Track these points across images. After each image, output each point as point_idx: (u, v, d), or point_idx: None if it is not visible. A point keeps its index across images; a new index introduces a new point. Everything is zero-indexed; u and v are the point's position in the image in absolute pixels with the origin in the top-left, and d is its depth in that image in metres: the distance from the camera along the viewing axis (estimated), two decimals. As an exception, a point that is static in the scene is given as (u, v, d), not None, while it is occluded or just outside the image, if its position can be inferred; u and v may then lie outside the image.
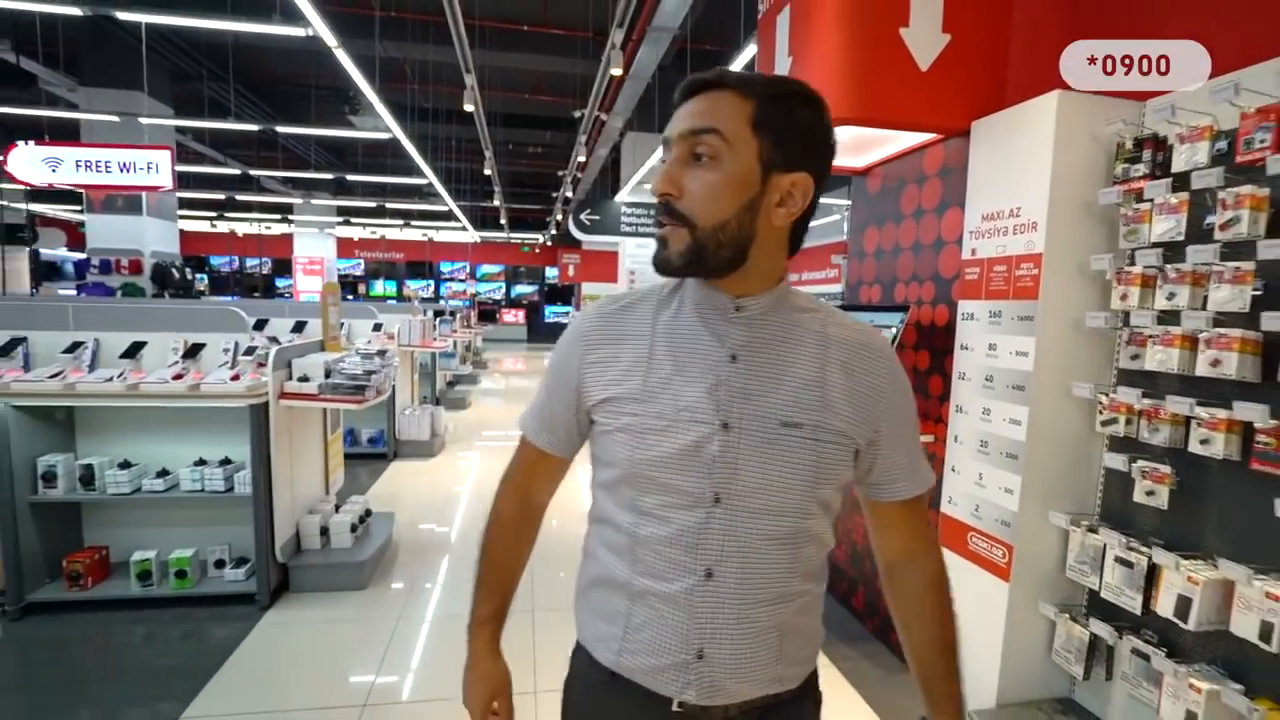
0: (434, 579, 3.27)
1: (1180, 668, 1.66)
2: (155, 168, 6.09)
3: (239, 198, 14.85)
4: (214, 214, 18.12)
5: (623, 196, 9.91)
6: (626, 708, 0.81)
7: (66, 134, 9.36)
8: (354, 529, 3.21)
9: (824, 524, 0.82)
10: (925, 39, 2.11)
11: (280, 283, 21.09)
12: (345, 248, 20.40)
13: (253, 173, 11.13)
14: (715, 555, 0.76)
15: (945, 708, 0.89)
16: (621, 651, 0.80)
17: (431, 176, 9.94)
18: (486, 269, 22.70)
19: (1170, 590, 1.67)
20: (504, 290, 22.83)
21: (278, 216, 18.20)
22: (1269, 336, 1.48)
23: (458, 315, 10.28)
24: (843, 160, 2.79)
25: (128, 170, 6.01)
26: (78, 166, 6.08)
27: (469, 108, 6.02)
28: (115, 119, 6.80)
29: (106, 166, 5.99)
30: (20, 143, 5.88)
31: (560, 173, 12.10)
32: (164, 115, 8.79)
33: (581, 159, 8.80)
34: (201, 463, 2.90)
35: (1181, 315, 1.64)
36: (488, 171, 9.73)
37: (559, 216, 13.72)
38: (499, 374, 12.81)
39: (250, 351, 2.93)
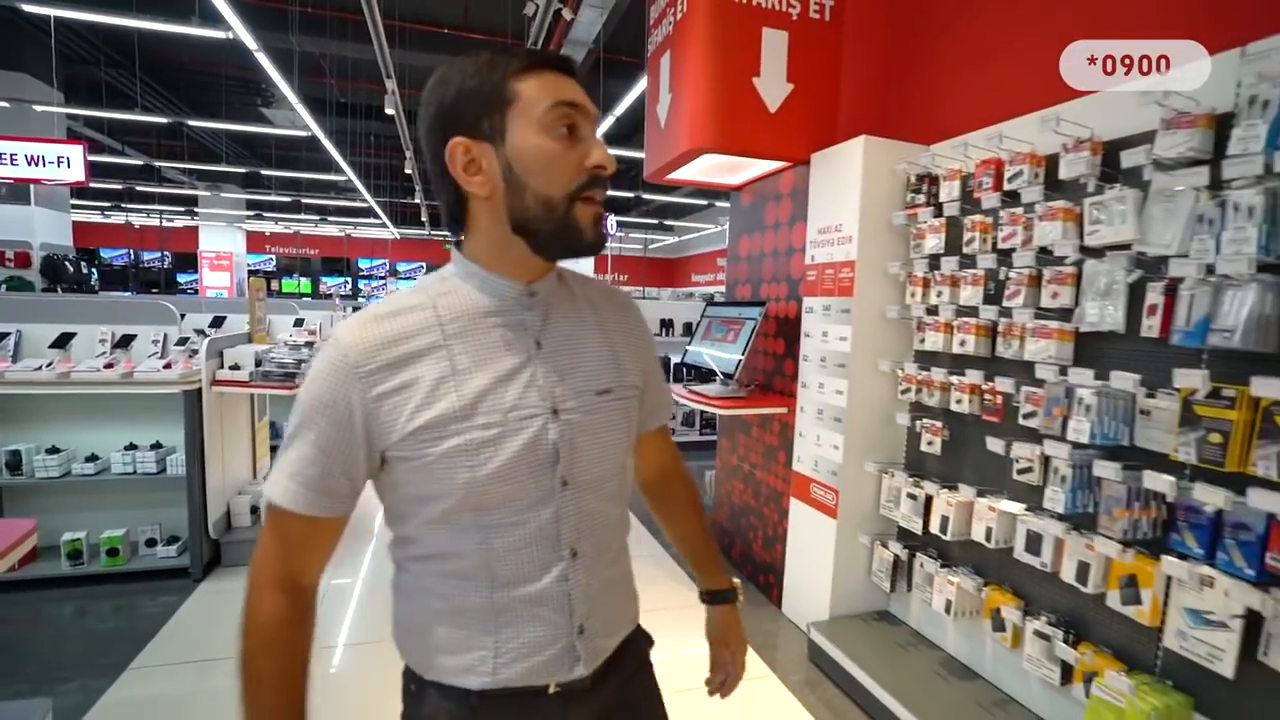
0: (359, 551, 3.55)
1: (943, 570, 2.24)
2: (67, 161, 5.93)
3: (138, 188, 14.07)
4: (108, 204, 17.00)
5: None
6: (505, 717, 0.78)
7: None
8: (283, 508, 3.45)
9: (632, 469, 0.91)
10: (773, 86, 2.63)
11: (182, 278, 19.98)
12: (256, 242, 19.60)
13: (157, 164, 10.67)
14: (575, 535, 0.77)
15: (713, 567, 1.09)
16: (497, 668, 0.76)
17: (350, 174, 9.91)
18: (406, 266, 22.33)
19: (937, 513, 2.24)
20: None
21: (181, 209, 17.28)
22: (992, 324, 2.06)
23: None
24: (722, 178, 3.30)
25: (37, 164, 5.82)
26: None
27: (390, 111, 6.20)
28: (4, 104, 6.50)
29: (13, 159, 5.78)
30: None
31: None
32: (51, 100, 8.37)
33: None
34: (132, 447, 3.07)
35: (940, 308, 2.23)
36: (409, 170, 9.79)
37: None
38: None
39: (182, 342, 3.13)
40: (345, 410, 0.70)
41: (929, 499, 2.30)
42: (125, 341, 3.03)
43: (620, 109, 7.18)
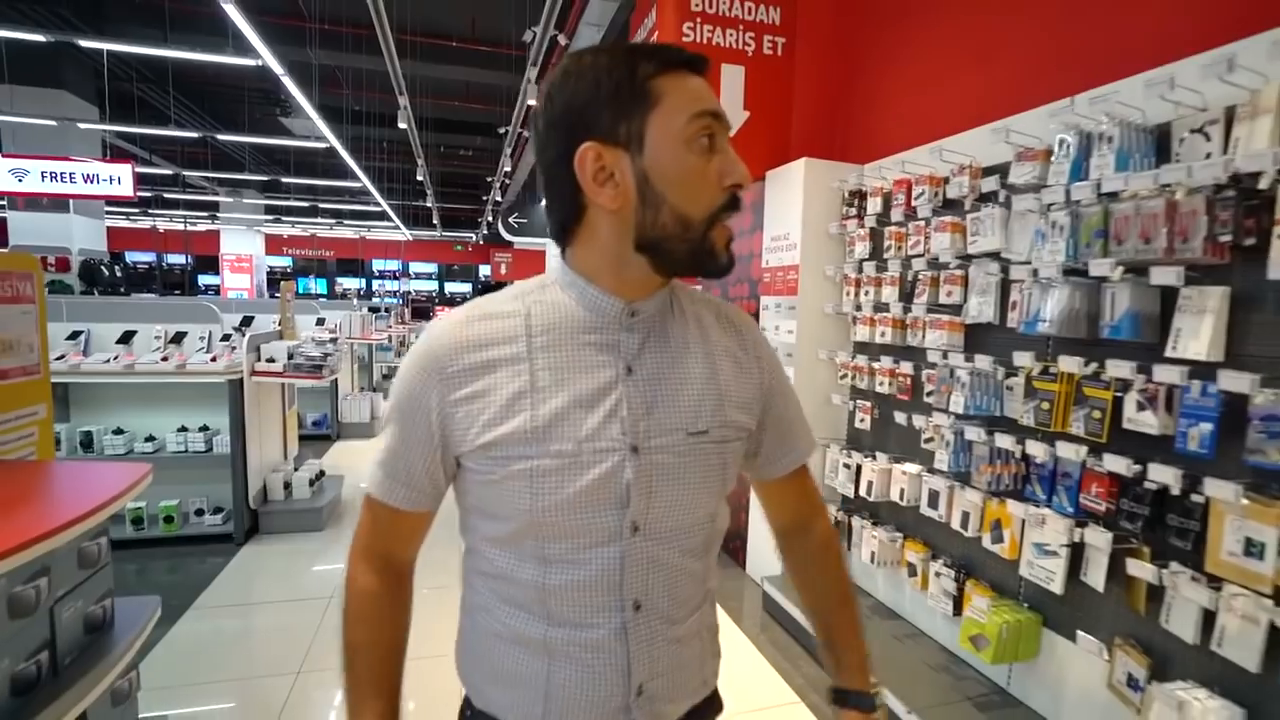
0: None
1: (870, 528, 2.65)
2: (118, 179, 6.49)
3: (165, 195, 14.72)
4: (137, 210, 17.72)
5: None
6: None
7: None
8: (312, 484, 3.91)
9: (726, 516, 0.78)
10: (731, 114, 3.01)
11: (203, 279, 20.67)
12: (274, 244, 20.26)
13: (186, 174, 11.25)
14: (641, 586, 0.69)
15: (851, 664, 0.86)
16: (546, 715, 0.70)
17: (365, 180, 10.42)
18: (420, 267, 22.92)
19: (864, 479, 2.65)
20: (437, 287, 23.11)
21: (204, 213, 17.94)
22: (903, 318, 2.46)
23: (393, 312, 10.81)
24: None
25: (93, 181, 6.39)
26: (44, 177, 6.47)
27: (402, 125, 6.65)
28: (53, 123, 7.05)
29: (71, 177, 6.36)
30: None
31: (489, 179, 12.71)
32: (89, 115, 8.95)
33: (508, 169, 9.49)
34: (184, 429, 3.55)
35: (865, 305, 2.63)
36: (420, 177, 10.27)
37: (490, 217, 14.33)
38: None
39: (225, 338, 3.60)
40: (424, 409, 0.67)
41: (859, 468, 2.70)
42: (178, 338, 3.51)
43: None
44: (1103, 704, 1.76)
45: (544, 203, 0.73)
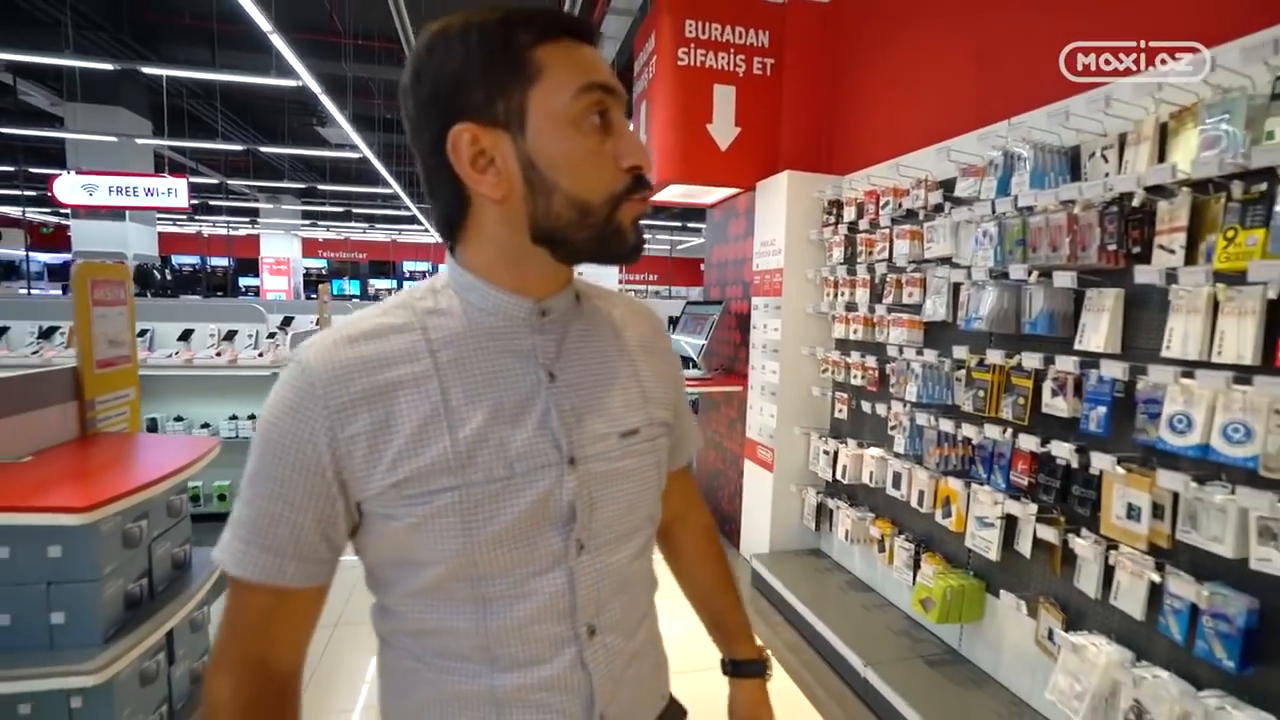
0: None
1: (845, 508, 2.91)
2: (175, 192, 7.08)
3: (210, 202, 15.52)
4: (184, 216, 18.67)
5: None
6: None
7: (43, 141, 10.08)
8: (347, 469, 4.30)
9: (660, 513, 0.74)
10: (723, 130, 3.32)
11: (244, 281, 21.59)
12: (309, 247, 21.06)
13: (231, 183, 11.91)
14: (593, 607, 0.63)
15: (739, 637, 0.88)
16: None
17: (396, 186, 10.91)
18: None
19: (840, 464, 2.91)
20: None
21: (247, 219, 18.78)
22: (875, 316, 2.72)
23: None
24: (697, 199, 4.00)
25: (152, 194, 7.01)
26: (110, 191, 7.14)
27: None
28: (113, 139, 7.66)
29: (134, 191, 6.98)
30: (63, 173, 6.86)
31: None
32: (143, 129, 9.61)
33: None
34: (234, 417, 3.96)
35: (843, 305, 2.89)
36: (449, 182, 10.69)
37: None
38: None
39: (271, 336, 4.00)
40: (311, 455, 0.56)
41: (836, 453, 2.96)
42: (230, 336, 3.92)
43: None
44: (1033, 659, 2.00)
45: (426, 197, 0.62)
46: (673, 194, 3.77)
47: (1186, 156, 1.53)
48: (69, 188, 6.92)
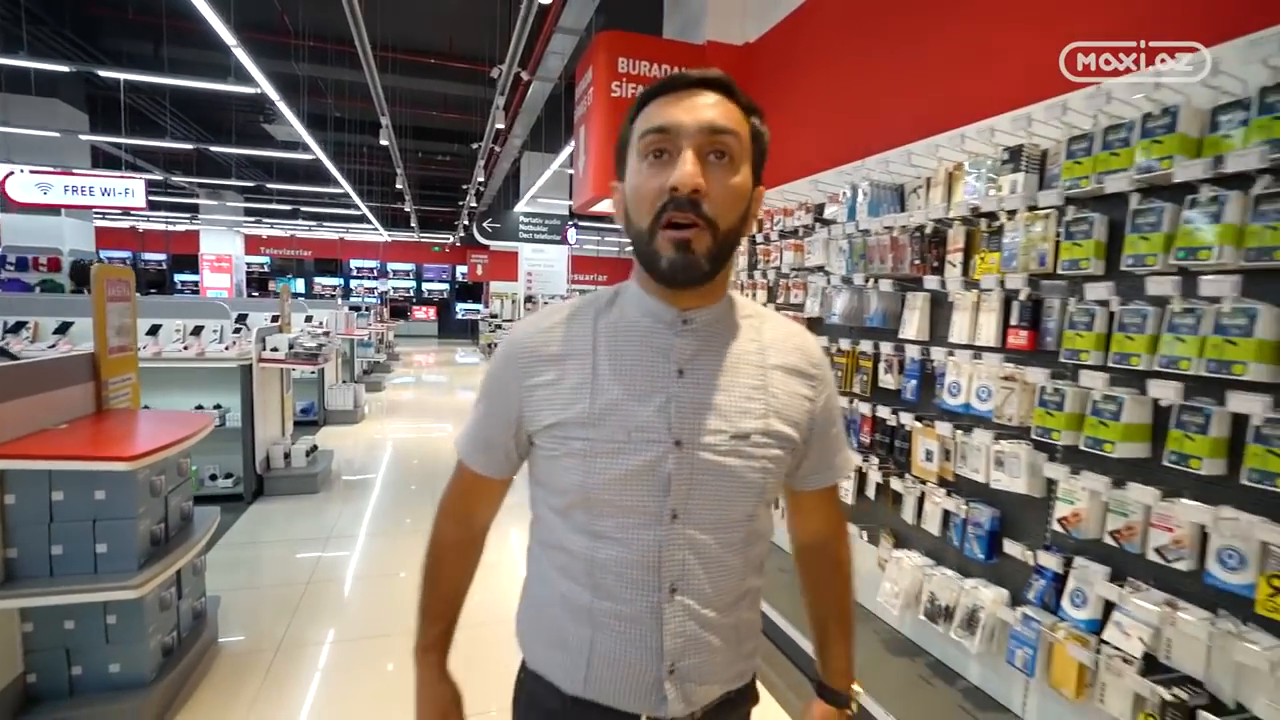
0: (366, 491, 4.74)
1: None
2: (131, 192, 7.11)
3: (149, 197, 15.13)
4: (119, 210, 18.05)
5: (521, 208, 11.39)
6: None
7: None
8: (308, 455, 4.63)
9: (768, 520, 0.83)
10: (650, 154, 3.83)
11: (180, 278, 20.95)
12: (252, 244, 20.63)
13: (178, 180, 11.76)
14: (678, 571, 0.75)
15: (837, 669, 0.96)
16: (588, 680, 0.77)
17: (346, 186, 11.02)
18: (397, 266, 23.39)
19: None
20: (415, 288, 23.55)
21: (186, 214, 18.29)
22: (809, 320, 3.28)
23: (372, 311, 11.46)
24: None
25: (109, 194, 7.02)
26: (66, 190, 7.12)
27: (384, 141, 7.33)
28: (55, 134, 7.63)
29: (90, 190, 6.98)
30: (16, 170, 6.78)
31: (464, 186, 13.36)
32: (80, 121, 9.49)
33: (481, 179, 10.19)
34: (200, 407, 4.25)
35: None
36: (400, 185, 10.91)
37: (465, 221, 14.99)
38: (411, 365, 13.98)
39: (236, 331, 4.31)
40: (506, 393, 0.79)
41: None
42: (197, 331, 4.21)
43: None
44: (875, 576, 2.58)
45: None
46: (609, 206, 4.26)
47: (955, 199, 2.13)
48: (22, 186, 6.90)
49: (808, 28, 3.34)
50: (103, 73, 6.21)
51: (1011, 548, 1.92)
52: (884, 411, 2.37)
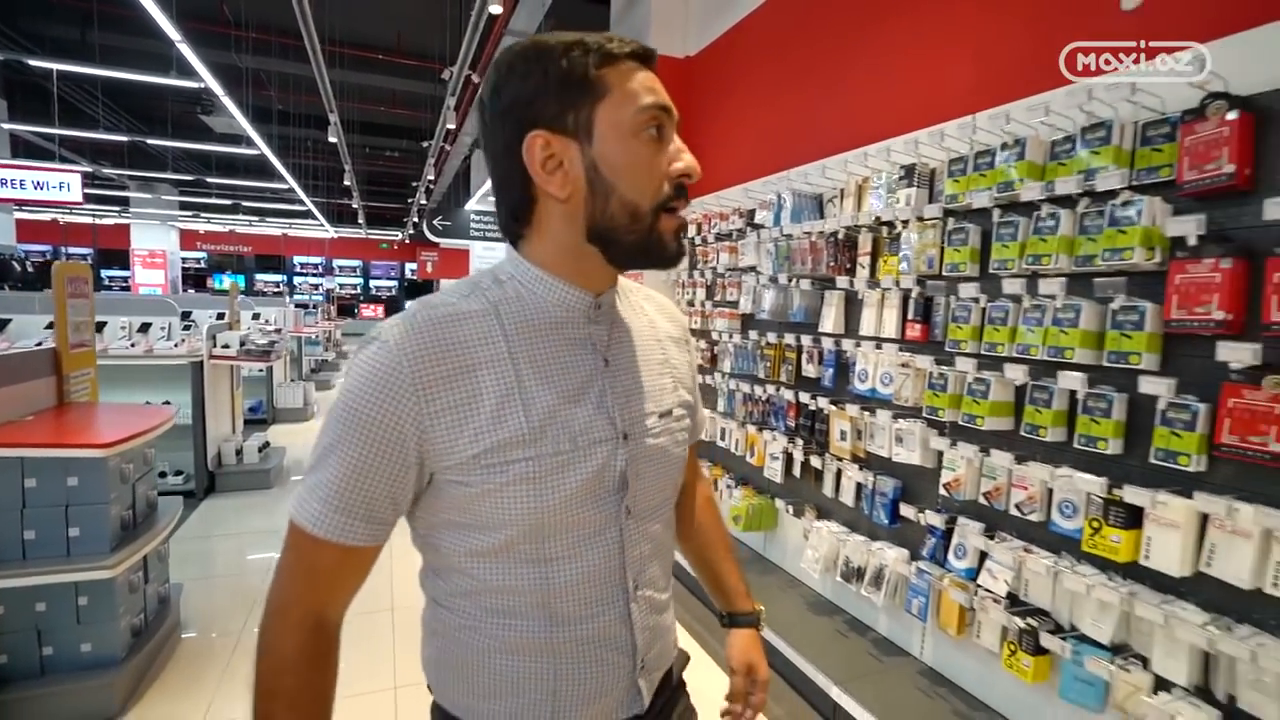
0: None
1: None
2: (67, 186, 6.85)
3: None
4: (38, 202, 17.07)
5: (472, 205, 11.42)
6: None
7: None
8: (260, 451, 4.67)
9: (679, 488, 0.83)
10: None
11: (107, 274, 19.96)
12: (188, 239, 19.85)
13: (109, 172, 11.28)
14: (637, 565, 0.73)
15: (738, 595, 1.00)
16: (556, 712, 0.71)
17: (291, 181, 10.82)
18: (343, 263, 22.88)
19: (687, 424, 3.73)
20: (362, 285, 23.09)
21: (116, 208, 17.45)
22: (707, 310, 3.54)
23: (320, 308, 11.29)
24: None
25: (41, 188, 6.73)
26: None
27: (333, 139, 7.30)
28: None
29: (22, 184, 6.67)
30: None
31: (414, 183, 13.25)
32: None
33: (431, 177, 10.18)
34: (148, 404, 4.23)
35: (682, 301, 3.71)
36: (347, 182, 10.78)
37: (415, 218, 14.85)
38: (361, 363, 13.77)
39: (186, 329, 4.31)
40: (395, 428, 0.62)
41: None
42: (145, 328, 4.20)
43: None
44: (800, 546, 2.87)
45: (492, 194, 0.72)
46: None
47: (863, 209, 2.42)
48: (-51, 179, 6.59)
49: (742, 45, 3.62)
50: (33, 62, 5.95)
51: (908, 512, 2.23)
52: (806, 397, 2.66)
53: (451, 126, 6.92)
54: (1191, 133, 1.45)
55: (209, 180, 12.83)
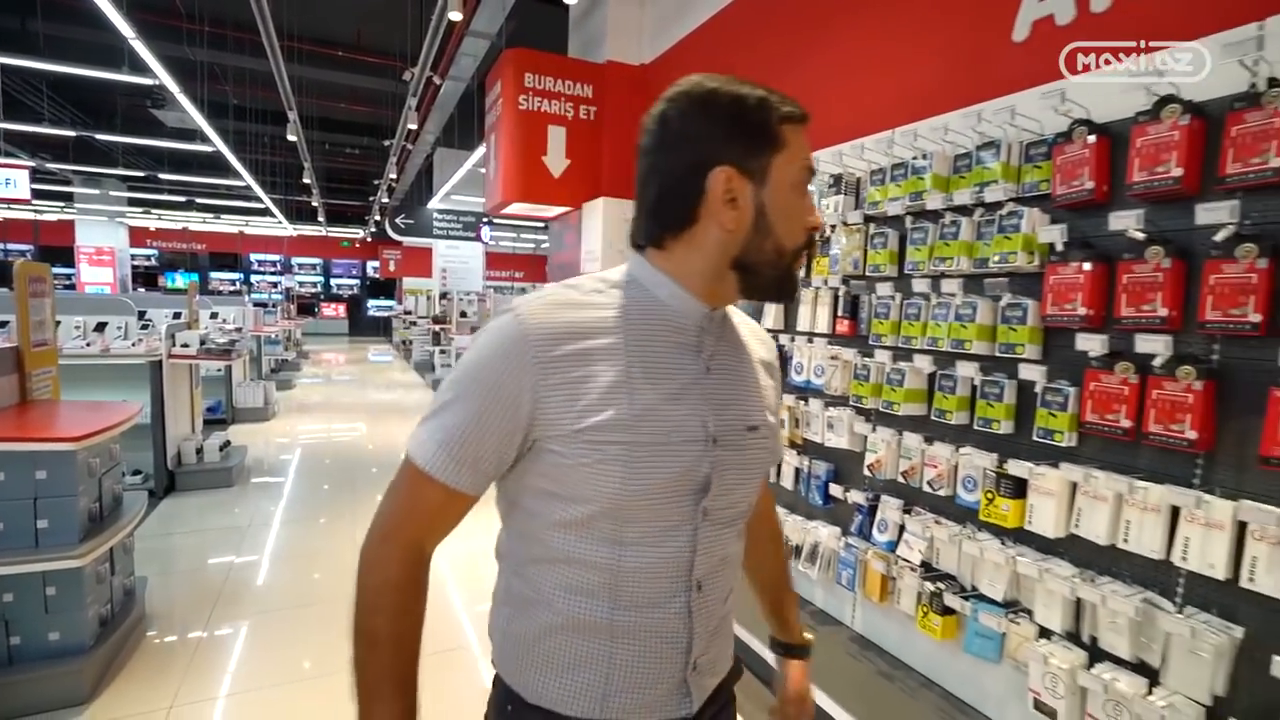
0: (279, 483, 4.83)
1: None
2: (13, 183, 6.63)
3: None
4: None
5: (435, 204, 11.39)
6: None
7: None
8: (221, 449, 4.68)
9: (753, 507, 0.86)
10: (556, 161, 4.19)
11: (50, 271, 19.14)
12: (138, 236, 19.23)
13: (51, 166, 10.91)
14: (705, 568, 0.76)
15: (793, 626, 1.06)
16: (606, 697, 0.74)
17: (248, 178, 10.64)
18: (302, 261, 22.43)
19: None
20: (323, 284, 22.68)
21: (59, 204, 16.81)
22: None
23: (279, 307, 11.14)
24: (541, 214, 4.84)
25: None
26: None
27: (292, 137, 7.25)
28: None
29: None
30: None
31: (375, 181, 13.14)
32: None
33: (393, 175, 10.14)
34: (106, 404, 4.22)
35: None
36: (307, 179, 10.65)
37: (377, 216, 14.69)
38: (321, 364, 13.61)
39: (144, 328, 4.31)
40: (514, 394, 0.68)
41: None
42: (100, 327, 4.18)
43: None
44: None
45: (640, 195, 0.77)
46: (516, 210, 4.58)
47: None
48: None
49: (692, 56, 3.80)
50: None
51: (838, 492, 2.44)
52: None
53: (413, 127, 6.95)
54: (1062, 153, 1.67)
55: (161, 176, 12.48)
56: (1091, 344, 1.57)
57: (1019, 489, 1.79)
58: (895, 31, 2.38)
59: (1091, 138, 1.60)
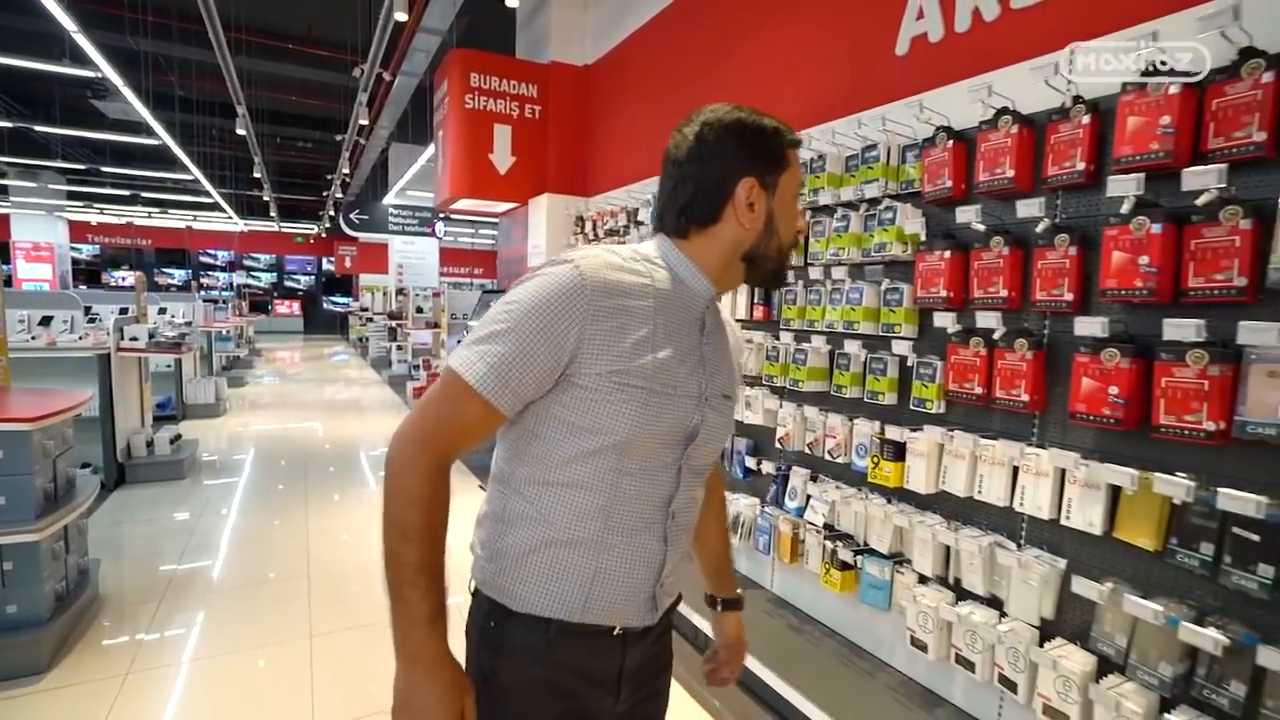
0: (232, 477, 4.88)
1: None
2: None
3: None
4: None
5: (390, 199, 11.32)
6: (575, 655, 0.88)
7: None
8: (172, 442, 4.70)
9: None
10: (502, 159, 4.35)
11: (-13, 270, 18.31)
12: (78, 231, 18.53)
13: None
14: (680, 502, 0.91)
15: (730, 582, 1.21)
16: (588, 602, 0.86)
17: (196, 172, 10.43)
18: (254, 260, 21.89)
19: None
20: (276, 280, 22.15)
21: (-9, 197, 16.04)
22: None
23: (230, 304, 10.96)
24: (489, 209, 4.98)
25: None
26: None
27: (241, 131, 7.19)
28: None
29: None
30: None
31: (329, 175, 12.97)
32: None
33: (346, 170, 10.07)
34: (51, 398, 4.22)
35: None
36: (257, 174, 10.49)
37: (331, 212, 14.48)
38: (273, 362, 13.41)
39: (91, 322, 4.31)
40: (563, 334, 0.78)
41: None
42: (46, 321, 4.18)
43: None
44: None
45: (671, 194, 0.91)
46: (465, 206, 4.72)
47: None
48: None
49: (631, 57, 4.00)
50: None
51: (755, 465, 2.67)
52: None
53: (365, 122, 6.98)
54: (929, 155, 1.93)
55: (103, 169, 12.10)
56: (947, 320, 1.83)
57: (899, 452, 2.05)
58: (798, 43, 2.62)
59: (949, 142, 1.85)
